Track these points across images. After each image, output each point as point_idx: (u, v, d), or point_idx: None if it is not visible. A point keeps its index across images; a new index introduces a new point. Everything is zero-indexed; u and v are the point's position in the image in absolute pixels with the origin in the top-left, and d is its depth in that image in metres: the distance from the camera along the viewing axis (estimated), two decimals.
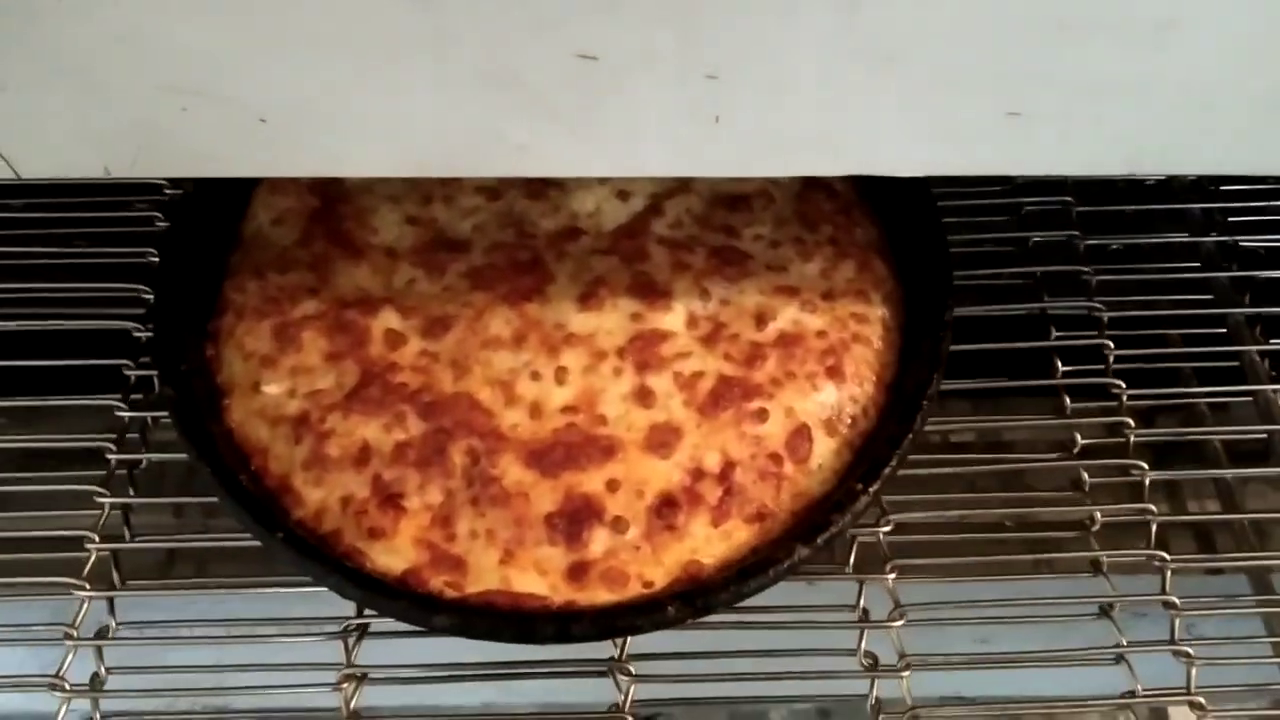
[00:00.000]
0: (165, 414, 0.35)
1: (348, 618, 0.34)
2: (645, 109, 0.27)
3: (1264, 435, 0.42)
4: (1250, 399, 0.43)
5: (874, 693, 0.33)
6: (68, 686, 0.34)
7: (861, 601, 0.34)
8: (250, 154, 0.28)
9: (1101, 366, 0.42)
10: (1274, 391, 0.43)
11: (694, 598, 0.31)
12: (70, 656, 0.35)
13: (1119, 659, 0.36)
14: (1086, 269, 0.43)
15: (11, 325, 0.41)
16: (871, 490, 0.32)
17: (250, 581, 0.35)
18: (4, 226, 0.43)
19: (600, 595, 0.31)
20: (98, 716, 0.35)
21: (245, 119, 0.27)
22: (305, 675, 0.34)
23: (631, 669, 0.33)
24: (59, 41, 0.26)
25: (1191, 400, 0.44)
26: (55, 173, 0.29)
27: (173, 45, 0.25)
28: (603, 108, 0.27)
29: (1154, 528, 0.39)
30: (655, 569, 0.31)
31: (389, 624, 0.33)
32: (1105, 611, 0.37)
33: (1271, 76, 0.28)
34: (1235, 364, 0.44)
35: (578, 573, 0.31)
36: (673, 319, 0.34)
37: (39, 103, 0.27)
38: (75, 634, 0.35)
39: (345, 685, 0.33)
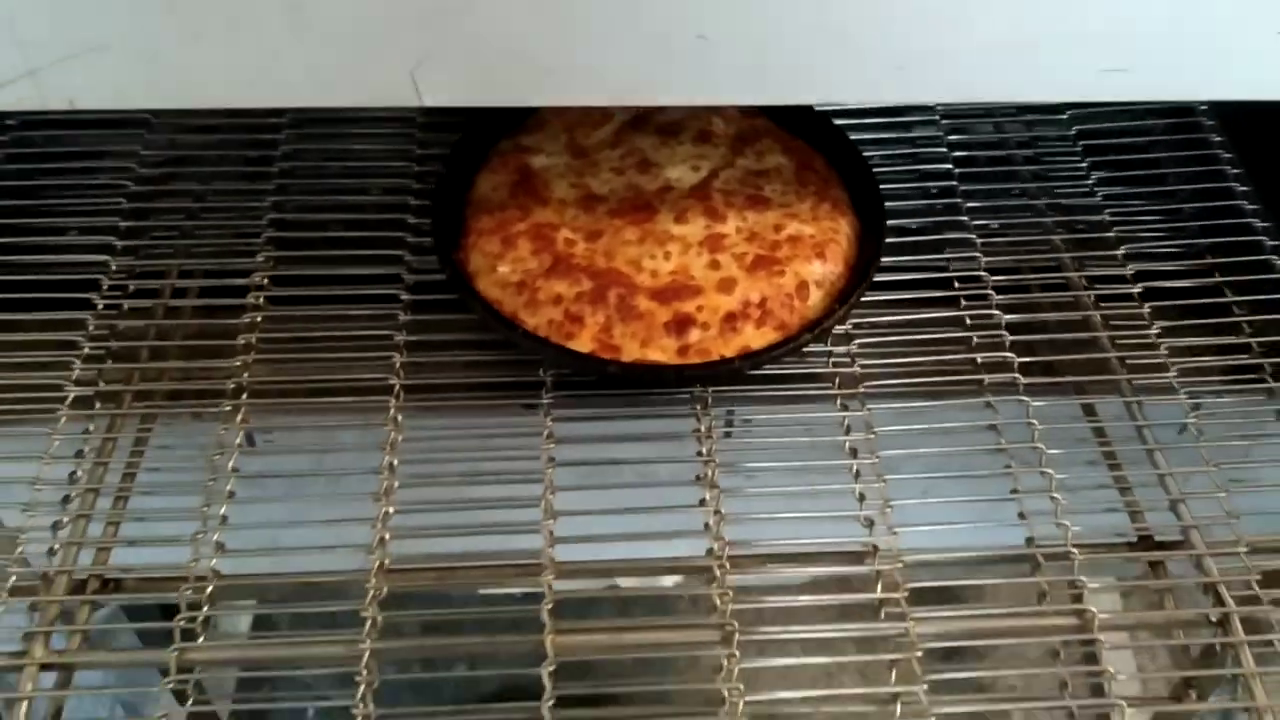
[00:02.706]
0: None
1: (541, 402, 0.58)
2: None
3: None
4: None
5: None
6: None
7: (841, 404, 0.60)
8: None
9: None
10: None
11: (748, 360, 0.56)
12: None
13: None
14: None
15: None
16: (841, 310, 0.58)
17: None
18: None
19: (695, 362, 0.57)
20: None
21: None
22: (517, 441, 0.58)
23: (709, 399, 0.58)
24: None
25: None
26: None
27: None
28: None
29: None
30: (725, 348, 0.57)
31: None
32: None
33: None
34: None
35: (683, 351, 0.57)
36: (727, 228, 0.61)
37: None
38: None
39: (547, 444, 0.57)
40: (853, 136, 0.67)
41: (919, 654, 0.50)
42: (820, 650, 0.53)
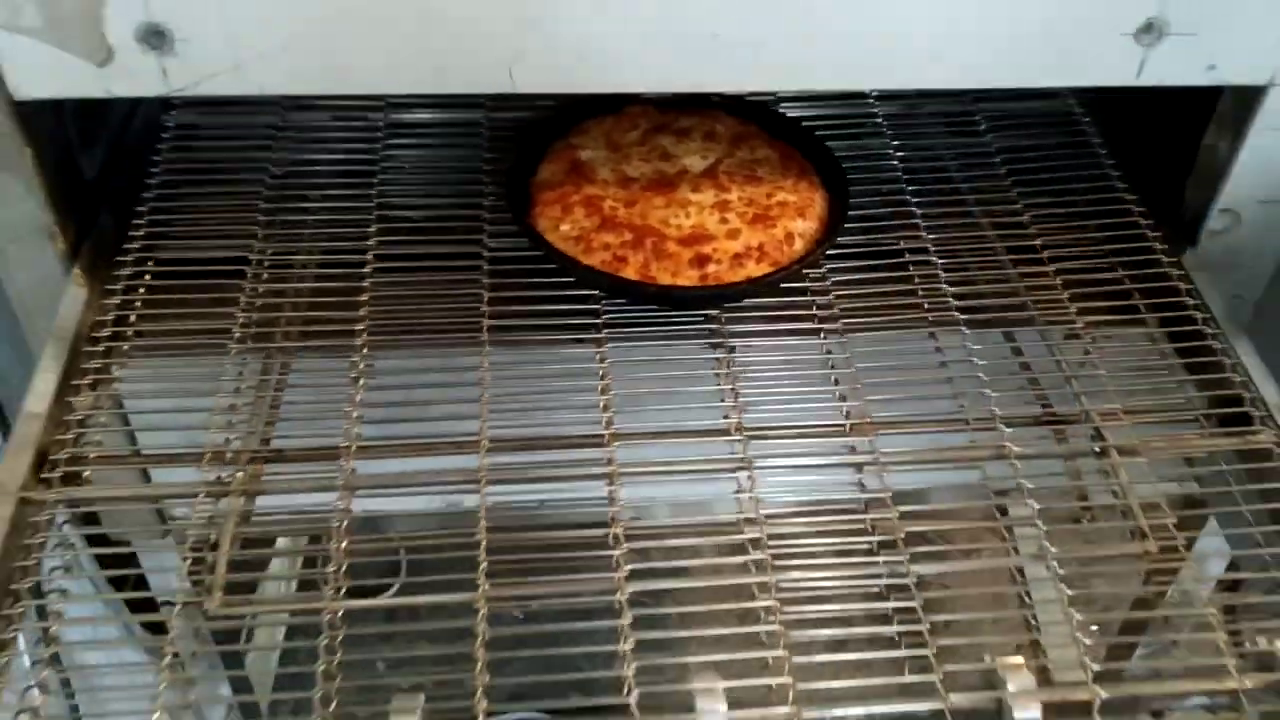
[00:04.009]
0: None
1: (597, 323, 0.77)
2: None
3: None
4: None
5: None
6: None
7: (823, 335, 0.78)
8: None
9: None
10: None
11: (755, 283, 0.76)
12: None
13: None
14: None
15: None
16: (819, 251, 0.78)
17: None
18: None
19: (713, 284, 0.76)
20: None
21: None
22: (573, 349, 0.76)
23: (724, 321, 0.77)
24: None
25: None
26: None
27: None
28: None
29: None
30: (734, 277, 0.76)
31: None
32: None
33: None
34: None
35: (703, 279, 0.76)
36: (731, 196, 0.81)
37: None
38: None
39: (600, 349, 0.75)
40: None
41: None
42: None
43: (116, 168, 0.87)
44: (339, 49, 0.69)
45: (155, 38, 0.67)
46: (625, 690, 0.58)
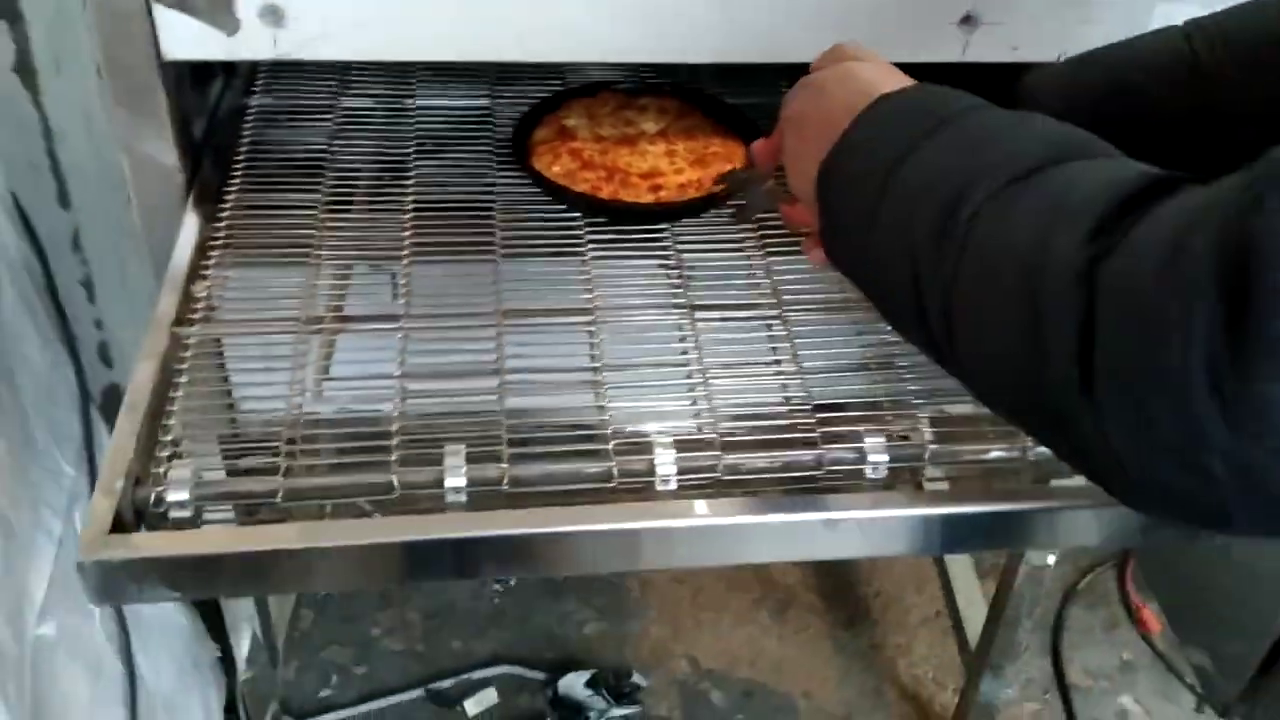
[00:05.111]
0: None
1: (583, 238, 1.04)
2: None
3: None
4: None
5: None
6: None
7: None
8: None
9: None
10: None
11: (693, 202, 1.04)
12: None
13: None
14: None
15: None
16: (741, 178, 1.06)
17: None
18: None
19: (665, 200, 1.05)
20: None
21: None
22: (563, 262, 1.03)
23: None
24: None
25: None
26: None
27: None
28: None
29: None
30: (685, 196, 1.05)
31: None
32: None
33: None
34: None
35: (658, 200, 1.05)
36: (677, 147, 1.10)
37: None
38: None
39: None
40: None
41: None
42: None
43: (214, 134, 1.14)
44: (404, 21, 0.97)
45: (272, 15, 0.96)
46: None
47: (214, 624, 1.50)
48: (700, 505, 0.80)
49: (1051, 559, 1.40)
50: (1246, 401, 0.40)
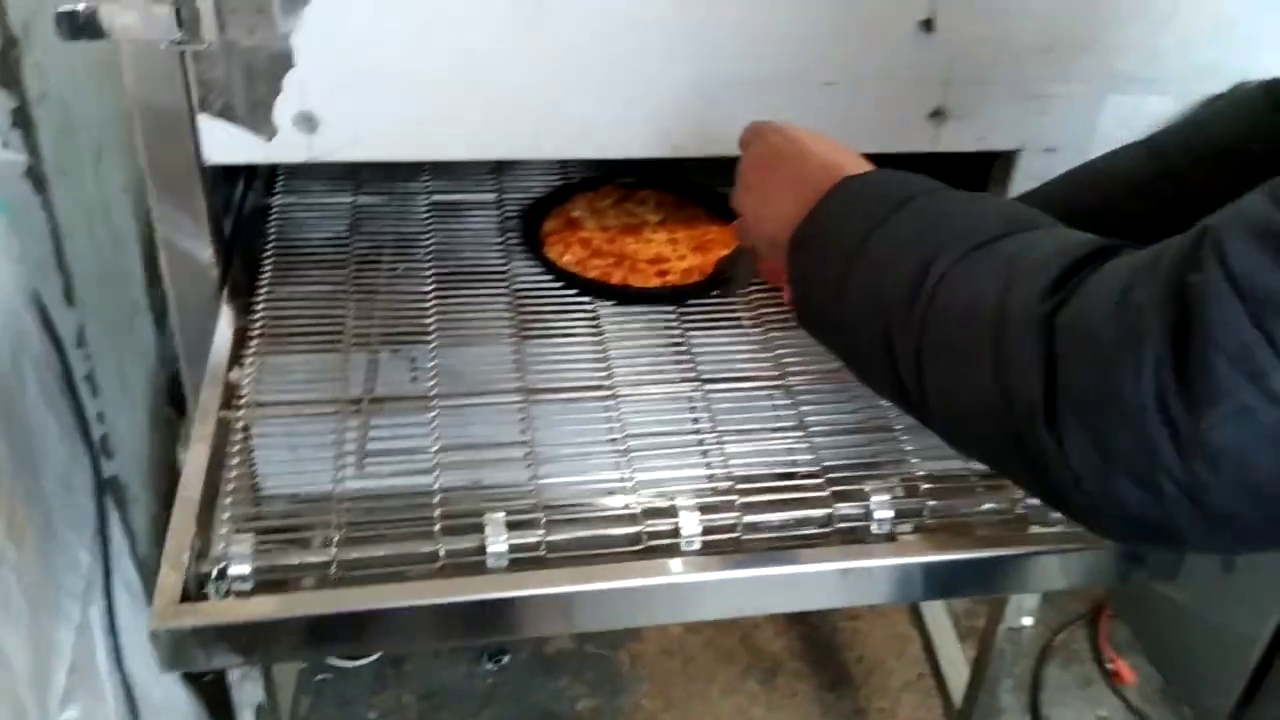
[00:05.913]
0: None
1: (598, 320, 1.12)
2: None
3: None
4: None
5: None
6: None
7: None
8: None
9: None
10: None
11: (700, 284, 1.13)
12: None
13: None
14: None
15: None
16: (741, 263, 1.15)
17: None
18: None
19: (671, 284, 1.13)
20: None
21: None
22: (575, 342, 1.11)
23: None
24: None
25: None
26: None
27: None
28: None
29: None
30: (688, 280, 1.14)
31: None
32: None
33: None
34: None
35: (665, 284, 1.13)
36: (678, 236, 1.19)
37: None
38: None
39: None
40: None
41: None
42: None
43: (241, 231, 1.21)
44: (421, 128, 1.06)
45: (306, 122, 1.03)
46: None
47: (218, 708, 1.53)
48: (727, 561, 0.87)
49: (1029, 620, 1.47)
50: (1193, 436, 0.45)
